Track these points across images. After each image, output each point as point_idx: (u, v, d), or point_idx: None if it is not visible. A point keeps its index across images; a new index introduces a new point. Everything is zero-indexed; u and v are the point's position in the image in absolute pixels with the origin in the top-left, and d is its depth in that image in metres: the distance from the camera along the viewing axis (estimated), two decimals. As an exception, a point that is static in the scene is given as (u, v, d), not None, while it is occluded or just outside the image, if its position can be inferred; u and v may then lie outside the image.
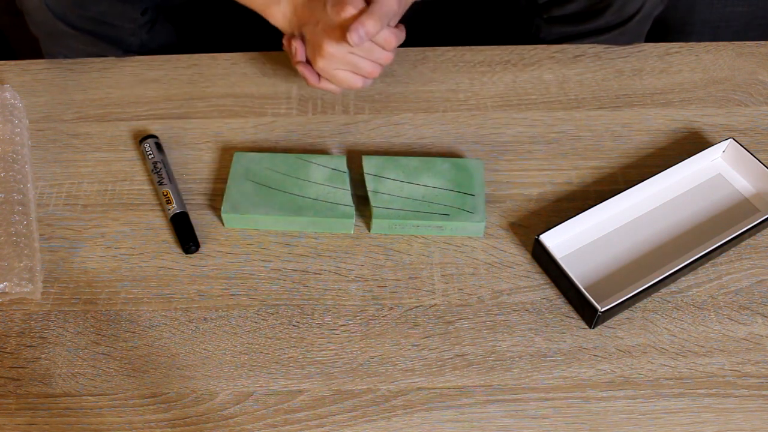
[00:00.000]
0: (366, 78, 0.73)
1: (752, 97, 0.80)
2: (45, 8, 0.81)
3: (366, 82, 0.74)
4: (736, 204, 0.71)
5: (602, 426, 0.58)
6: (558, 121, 0.78)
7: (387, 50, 0.72)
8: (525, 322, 0.64)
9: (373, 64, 0.72)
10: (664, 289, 0.65)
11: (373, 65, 0.72)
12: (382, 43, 0.70)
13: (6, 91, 0.75)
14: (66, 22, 0.82)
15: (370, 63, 0.72)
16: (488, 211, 0.71)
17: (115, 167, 0.75)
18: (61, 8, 0.81)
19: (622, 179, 0.73)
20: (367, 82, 0.74)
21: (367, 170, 0.71)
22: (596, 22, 0.88)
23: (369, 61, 0.72)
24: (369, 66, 0.72)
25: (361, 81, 0.73)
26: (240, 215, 0.68)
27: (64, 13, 0.82)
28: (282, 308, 0.65)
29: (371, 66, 0.72)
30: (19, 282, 0.63)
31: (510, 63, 0.83)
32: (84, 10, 0.82)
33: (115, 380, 0.61)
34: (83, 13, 0.83)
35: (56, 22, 0.82)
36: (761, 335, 0.63)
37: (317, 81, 0.74)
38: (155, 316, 0.64)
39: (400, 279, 0.67)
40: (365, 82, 0.74)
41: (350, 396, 0.60)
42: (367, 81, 0.74)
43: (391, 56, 0.73)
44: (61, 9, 0.81)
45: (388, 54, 0.72)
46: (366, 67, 0.72)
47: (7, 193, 0.69)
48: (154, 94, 0.81)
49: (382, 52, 0.72)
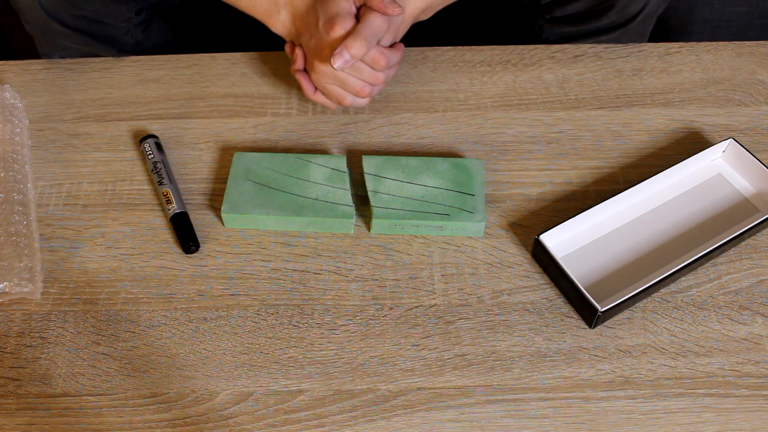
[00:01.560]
0: (356, 96, 0.73)
1: (752, 97, 0.80)
2: (38, 7, 0.81)
3: (356, 101, 0.74)
4: (736, 204, 0.71)
5: (602, 426, 0.58)
6: (558, 121, 0.78)
7: (376, 70, 0.71)
8: (525, 322, 0.64)
9: (362, 83, 0.72)
10: (664, 289, 0.65)
11: (362, 84, 0.72)
12: (369, 63, 0.71)
13: (6, 91, 0.75)
14: (59, 21, 0.82)
15: (359, 82, 0.72)
16: (488, 211, 0.71)
17: (115, 167, 0.75)
18: (55, 7, 0.81)
19: (622, 179, 0.73)
20: (357, 101, 0.74)
21: (367, 170, 0.71)
22: (599, 22, 0.88)
23: (358, 80, 0.72)
24: (358, 85, 0.72)
25: (350, 98, 0.73)
26: (240, 215, 0.68)
27: (58, 12, 0.82)
28: (282, 308, 0.65)
29: (360, 85, 0.72)
30: (19, 282, 0.63)
31: (510, 63, 0.83)
32: (77, 9, 0.82)
33: (115, 380, 0.61)
34: (77, 12, 0.82)
35: (50, 21, 0.82)
36: (761, 335, 0.63)
37: (312, 92, 0.75)
38: (155, 316, 0.64)
39: (400, 279, 0.67)
40: (354, 101, 0.74)
41: (350, 396, 0.60)
42: (357, 100, 0.74)
43: (381, 76, 0.72)
44: (54, 8, 0.81)
45: (378, 74, 0.72)
46: (355, 86, 0.72)
47: (7, 193, 0.69)
48: (154, 94, 0.81)
49: (372, 72, 0.71)
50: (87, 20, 0.84)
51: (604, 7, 0.86)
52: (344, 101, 0.74)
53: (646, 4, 0.86)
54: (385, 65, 0.71)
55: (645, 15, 0.88)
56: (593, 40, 0.88)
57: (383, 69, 0.72)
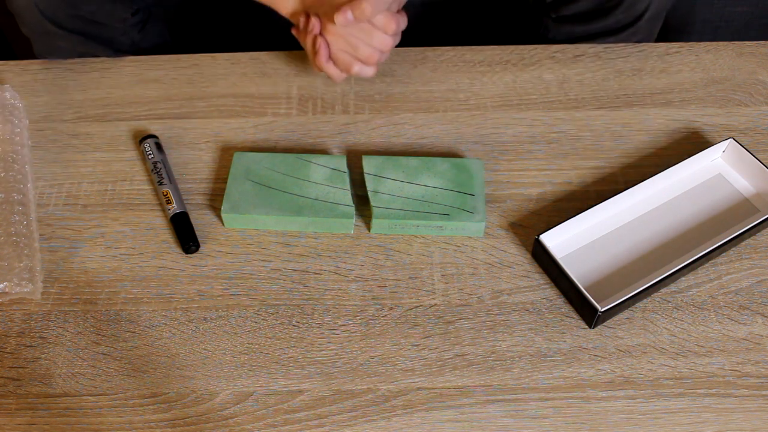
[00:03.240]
0: (363, 64, 0.74)
1: (752, 97, 0.80)
2: (34, 8, 0.80)
3: (363, 69, 0.75)
4: (736, 204, 0.71)
5: (602, 426, 0.58)
6: (558, 121, 0.78)
7: (387, 34, 0.73)
8: (525, 322, 0.64)
9: (372, 48, 0.73)
10: (664, 289, 0.65)
11: (371, 50, 0.73)
12: (381, 27, 0.72)
13: (6, 91, 0.75)
14: (55, 23, 0.82)
15: (368, 47, 0.73)
16: (488, 211, 0.71)
17: (115, 167, 0.75)
18: (51, 8, 0.81)
19: (622, 179, 0.73)
20: (364, 69, 0.75)
21: (367, 170, 0.71)
22: (606, 21, 0.87)
23: (368, 46, 0.73)
24: (367, 50, 0.73)
25: (357, 67, 0.74)
26: (240, 215, 0.68)
27: (54, 14, 0.81)
28: (282, 308, 0.65)
29: (370, 50, 0.73)
30: (19, 282, 0.63)
31: (510, 63, 0.83)
32: (74, 10, 0.82)
33: (115, 380, 0.61)
34: (73, 13, 0.82)
35: (45, 23, 0.82)
36: (761, 335, 0.63)
37: (326, 60, 0.75)
38: (155, 316, 0.64)
39: (400, 279, 0.67)
40: (362, 69, 0.75)
41: (350, 396, 0.60)
42: (364, 68, 0.75)
43: (390, 41, 0.74)
44: (50, 9, 0.81)
45: (388, 39, 0.73)
46: (365, 51, 0.73)
47: (7, 193, 0.69)
48: (154, 94, 0.81)
49: (382, 37, 0.73)
50: (83, 21, 0.83)
51: (610, 5, 0.85)
52: (351, 69, 0.75)
53: (652, 1, 0.86)
54: (396, 29, 0.73)
55: (652, 13, 0.87)
56: (602, 41, 0.87)
57: (393, 33, 0.73)
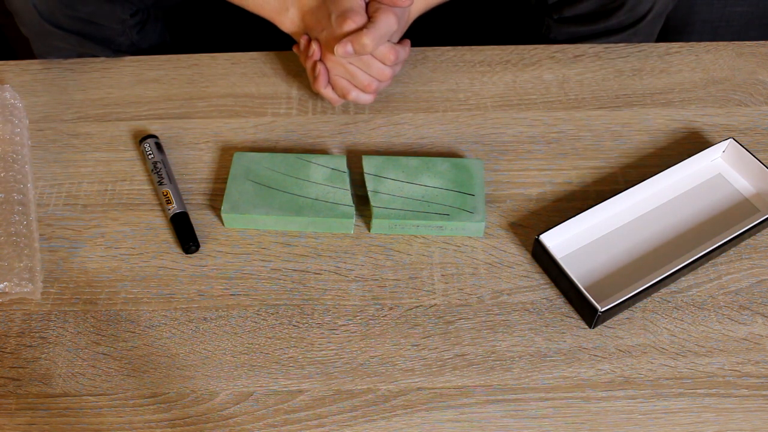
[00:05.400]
0: (361, 92, 0.75)
1: (752, 97, 0.80)
2: (32, 9, 0.80)
3: (360, 96, 0.75)
4: (736, 204, 0.71)
5: (602, 426, 0.58)
6: (558, 121, 0.78)
7: (386, 65, 0.73)
8: (525, 322, 0.64)
9: (370, 78, 0.74)
10: (664, 289, 0.65)
11: (369, 79, 0.74)
12: (380, 58, 0.73)
13: (6, 91, 0.75)
14: (54, 23, 0.82)
15: (367, 76, 0.74)
16: (488, 211, 0.71)
17: (115, 167, 0.75)
18: (49, 9, 0.81)
19: (622, 179, 0.73)
20: (361, 96, 0.75)
21: (367, 170, 0.71)
22: (608, 22, 0.87)
23: (366, 75, 0.74)
24: (366, 79, 0.74)
25: (354, 93, 0.75)
26: (240, 215, 0.68)
27: (52, 14, 0.81)
28: (282, 308, 0.65)
29: (368, 79, 0.74)
30: (19, 282, 0.63)
31: (510, 63, 0.83)
32: (72, 11, 0.82)
33: (115, 380, 0.61)
34: (71, 14, 0.82)
35: (44, 23, 0.82)
36: (761, 335, 0.63)
37: (325, 85, 0.75)
38: (155, 316, 0.64)
39: (400, 279, 0.67)
40: (359, 96, 0.75)
41: (350, 396, 0.60)
42: (361, 95, 0.75)
43: (388, 72, 0.74)
44: (48, 10, 0.81)
45: (386, 69, 0.74)
46: (363, 80, 0.74)
47: (7, 193, 0.69)
48: (154, 94, 0.81)
49: (380, 67, 0.73)
50: (82, 22, 0.83)
51: (613, 7, 0.85)
52: (348, 95, 0.75)
53: (655, 2, 0.86)
54: (395, 60, 0.73)
55: (654, 14, 0.87)
56: (603, 41, 0.87)
57: (392, 64, 0.74)
